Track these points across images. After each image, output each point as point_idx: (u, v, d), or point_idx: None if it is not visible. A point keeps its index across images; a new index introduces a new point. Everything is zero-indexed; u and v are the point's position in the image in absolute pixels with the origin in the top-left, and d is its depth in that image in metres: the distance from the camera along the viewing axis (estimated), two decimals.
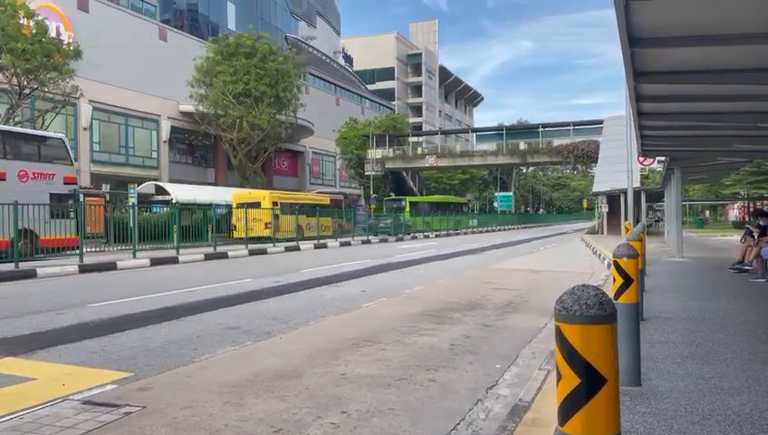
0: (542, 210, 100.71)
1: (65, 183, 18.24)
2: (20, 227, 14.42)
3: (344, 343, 6.11)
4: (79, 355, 5.58)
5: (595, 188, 38.48)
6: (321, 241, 26.84)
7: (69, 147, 19.80)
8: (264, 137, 35.88)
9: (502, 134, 53.91)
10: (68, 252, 16.90)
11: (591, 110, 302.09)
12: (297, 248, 23.27)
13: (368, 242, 29.83)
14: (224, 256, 19.39)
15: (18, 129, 20.38)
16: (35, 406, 4.06)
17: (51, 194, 17.31)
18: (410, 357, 5.52)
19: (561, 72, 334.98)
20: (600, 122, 44.85)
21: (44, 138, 19.26)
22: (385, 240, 31.85)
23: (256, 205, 26.96)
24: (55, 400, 4.20)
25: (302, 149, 51.61)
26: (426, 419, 3.87)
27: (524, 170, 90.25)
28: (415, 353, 5.67)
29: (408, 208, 45.97)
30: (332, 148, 54.94)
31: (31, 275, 13.06)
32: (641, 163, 22.33)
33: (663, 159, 17.54)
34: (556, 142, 49.06)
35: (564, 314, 1.62)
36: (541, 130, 52.15)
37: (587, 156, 46.30)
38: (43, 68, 23.47)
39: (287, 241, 24.97)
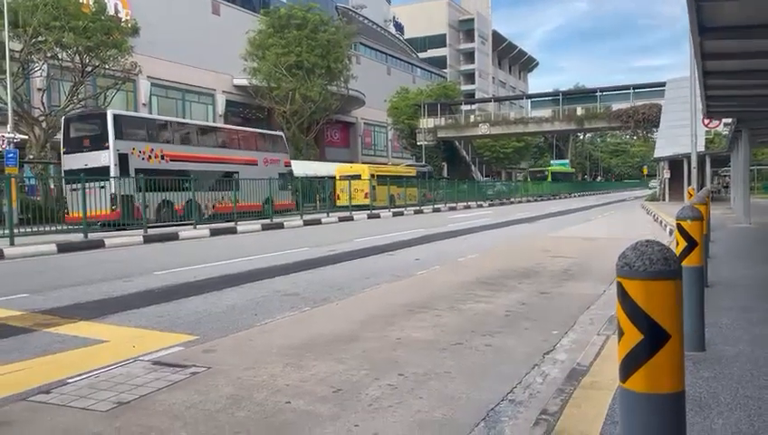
0: (599, 178, 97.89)
1: (285, 166, 26.18)
2: (266, 195, 21.75)
3: (399, 309, 6.17)
4: (147, 319, 5.84)
5: (656, 154, 37.08)
6: (375, 211, 27.06)
7: (286, 140, 28.02)
8: (315, 109, 36.13)
9: (558, 100, 52.40)
10: (288, 213, 23.99)
11: (652, 72, 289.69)
12: (351, 218, 23.51)
13: (420, 212, 29.82)
14: (280, 226, 19.79)
15: (260, 130, 28.06)
16: (109, 366, 4.29)
17: (279, 174, 24.67)
18: (465, 323, 5.54)
19: (618, 34, 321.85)
20: (662, 84, 42.98)
21: (273, 135, 27.30)
22: (438, 209, 31.76)
23: (357, 177, 30.90)
24: (127, 360, 4.43)
25: (354, 121, 51.66)
26: (482, 382, 3.89)
27: (581, 137, 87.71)
28: (470, 319, 5.68)
29: (549, 178, 55.69)
30: (384, 118, 54.75)
31: (99, 245, 13.69)
32: (706, 126, 21.38)
33: (729, 120, 16.72)
34: (615, 107, 47.37)
35: (627, 270, 1.59)
36: (599, 94, 50.43)
37: (648, 120, 44.58)
38: (104, 45, 24.16)
39: (366, 209, 27.90)
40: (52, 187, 22.21)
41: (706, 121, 18.78)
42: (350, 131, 52.42)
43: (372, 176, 31.59)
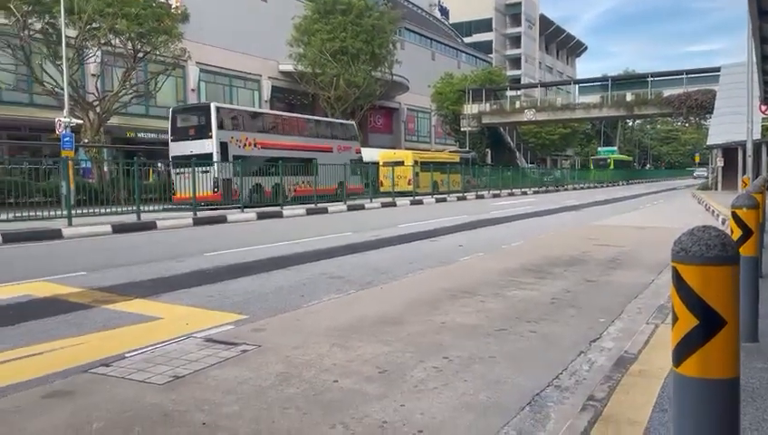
0: (648, 166, 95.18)
1: (356, 153, 28.55)
2: (339, 180, 23.93)
3: (443, 294, 6.20)
4: (198, 298, 6.04)
5: (710, 141, 35.82)
6: (417, 198, 27.07)
7: (357, 128, 30.75)
8: (359, 94, 36.19)
9: (606, 85, 51.06)
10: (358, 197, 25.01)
11: (706, 57, 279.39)
12: (394, 204, 23.59)
13: (463, 198, 29.66)
14: (324, 211, 20.02)
15: (335, 120, 30.61)
16: (163, 342, 4.47)
17: (351, 160, 26.93)
18: (510, 309, 5.53)
19: (671, 18, 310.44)
20: (717, 70, 41.43)
21: (345, 124, 29.73)
22: (481, 196, 31.52)
23: (400, 163, 30.97)
24: (180, 337, 4.60)
25: (397, 106, 51.53)
26: (527, 367, 3.90)
27: (630, 123, 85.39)
28: (514, 306, 5.67)
29: (612, 166, 56.27)
30: (427, 104, 54.40)
31: (151, 226, 14.12)
32: (763, 112, 20.56)
33: None
34: (666, 93, 45.85)
35: (683, 256, 1.59)
36: (650, 79, 48.88)
37: (701, 106, 43.02)
38: (155, 32, 24.68)
39: (409, 195, 28.21)
40: (105, 170, 23.00)
41: (764, 108, 18.06)
42: (393, 117, 52.35)
43: (415, 162, 31.52)
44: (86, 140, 24.44)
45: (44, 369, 3.86)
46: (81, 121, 23.60)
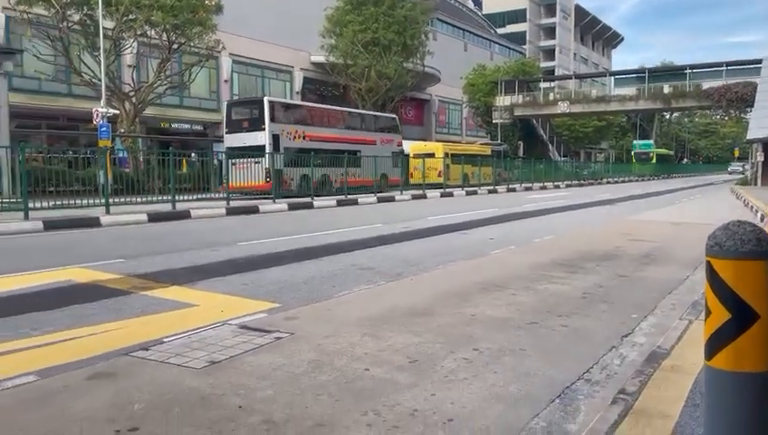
0: (686, 160, 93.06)
1: (397, 145, 29.56)
2: (382, 172, 25.02)
3: (473, 286, 6.22)
4: (232, 286, 6.17)
5: (750, 135, 34.87)
6: (448, 190, 26.99)
7: (398, 121, 31.70)
8: (391, 86, 36.17)
9: (643, 77, 50.06)
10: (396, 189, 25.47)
11: (744, 49, 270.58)
12: (424, 196, 23.58)
13: (494, 191, 29.49)
14: (354, 202, 20.12)
15: (378, 113, 31.49)
16: (200, 328, 4.59)
17: (392, 153, 28.26)
18: (541, 303, 5.53)
19: (709, 8, 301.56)
20: (758, 62, 40.26)
21: (389, 118, 31.03)
22: (513, 189, 31.29)
23: (431, 155, 31.11)
24: (216, 323, 4.71)
25: (429, 98, 51.33)
26: (558, 361, 3.91)
27: (667, 116, 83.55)
28: (545, 300, 5.67)
29: (654, 160, 57.73)
30: (459, 96, 54.07)
31: (186, 215, 14.41)
32: None
33: None
34: (705, 85, 44.78)
35: (717, 250, 1.60)
36: (688, 71, 47.79)
37: (741, 99, 41.91)
38: (189, 23, 25.05)
39: (439, 187, 28.32)
40: (140, 159, 23.48)
41: None
42: (424, 109, 52.18)
43: (446, 154, 31.52)
44: (122, 130, 24.98)
45: (88, 351, 4.02)
46: (117, 112, 24.14)
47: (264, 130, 22.21)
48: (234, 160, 20.12)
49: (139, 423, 2.90)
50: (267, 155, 20.94)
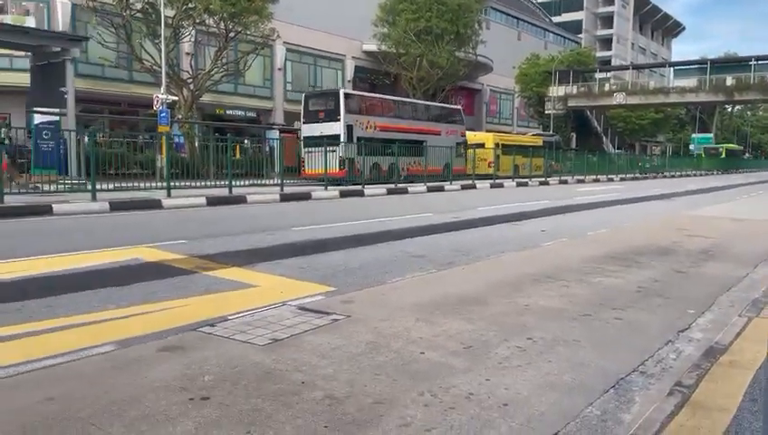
0: (747, 155, 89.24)
1: (461, 136, 30.00)
2: (446, 161, 25.72)
3: (525, 277, 6.24)
4: (290, 269, 6.38)
5: None
6: (498, 181, 26.80)
7: (463, 113, 32.21)
8: (442, 75, 35.99)
9: (704, 68, 48.24)
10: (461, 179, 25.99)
11: None
12: (473, 187, 23.49)
13: (545, 183, 29.09)
14: (404, 191, 20.23)
15: (443, 104, 32.70)
16: (260, 308, 4.79)
17: (456, 143, 28.68)
18: (594, 295, 5.52)
19: None
20: None
21: (453, 109, 31.63)
22: (564, 181, 30.79)
23: (481, 146, 30.83)
24: (275, 304, 4.91)
25: (480, 87, 50.81)
26: (612, 353, 3.93)
27: (729, 109, 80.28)
28: (599, 292, 5.65)
29: (723, 155, 58.78)
30: (511, 85, 53.32)
31: (242, 200, 14.81)
32: None
33: None
34: None
35: None
36: (753, 63, 45.82)
37: None
38: (246, 12, 25.53)
39: (489, 178, 28.03)
40: (196, 145, 24.17)
41: None
42: (475, 98, 51.68)
43: (497, 145, 31.22)
44: (180, 116, 25.71)
45: (158, 325, 4.27)
46: (176, 98, 24.86)
47: (339, 120, 23.32)
48: (309, 149, 21.52)
49: (210, 393, 3.09)
50: (341, 144, 21.80)
